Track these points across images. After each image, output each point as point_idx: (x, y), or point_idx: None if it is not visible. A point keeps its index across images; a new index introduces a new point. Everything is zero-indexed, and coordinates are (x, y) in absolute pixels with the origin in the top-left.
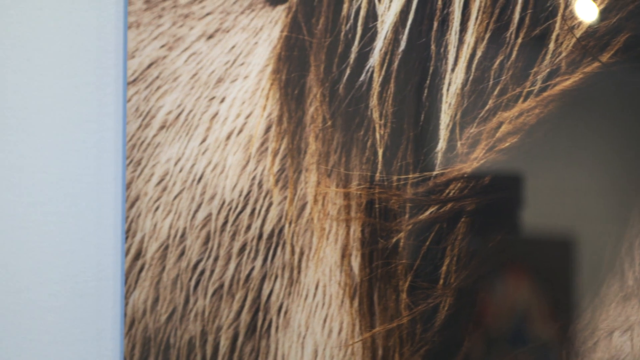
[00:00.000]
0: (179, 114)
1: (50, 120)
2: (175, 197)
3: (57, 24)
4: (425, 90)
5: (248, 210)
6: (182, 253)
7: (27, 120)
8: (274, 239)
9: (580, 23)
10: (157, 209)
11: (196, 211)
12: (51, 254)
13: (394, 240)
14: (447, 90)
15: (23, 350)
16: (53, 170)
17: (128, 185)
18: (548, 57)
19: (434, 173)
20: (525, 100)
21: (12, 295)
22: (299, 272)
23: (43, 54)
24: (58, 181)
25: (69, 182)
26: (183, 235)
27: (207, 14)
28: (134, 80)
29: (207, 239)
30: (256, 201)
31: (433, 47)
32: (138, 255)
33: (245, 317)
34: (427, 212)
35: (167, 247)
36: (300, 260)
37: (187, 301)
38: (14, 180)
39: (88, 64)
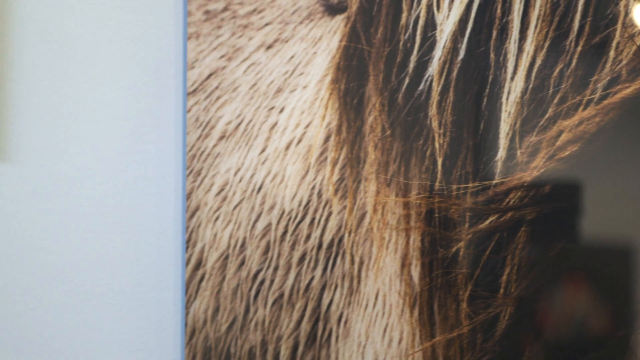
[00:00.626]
0: (239, 124)
1: (110, 131)
2: (235, 207)
3: (117, 35)
4: (485, 99)
5: (308, 219)
6: (242, 263)
7: (88, 131)
8: (334, 248)
9: None
10: (217, 219)
11: (256, 221)
12: (113, 264)
13: (454, 249)
14: (507, 98)
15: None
16: (114, 181)
17: (188, 196)
18: (608, 64)
19: (494, 182)
20: (585, 108)
21: (75, 304)
22: (358, 282)
23: (103, 66)
24: (119, 192)
25: (129, 193)
26: (243, 245)
27: (266, 24)
28: (194, 90)
29: (267, 249)
30: (316, 211)
31: (492, 55)
32: (198, 265)
33: (305, 326)
34: (487, 221)
35: (227, 257)
36: (360, 270)
37: (247, 311)
38: (76, 191)
39: (148, 75)
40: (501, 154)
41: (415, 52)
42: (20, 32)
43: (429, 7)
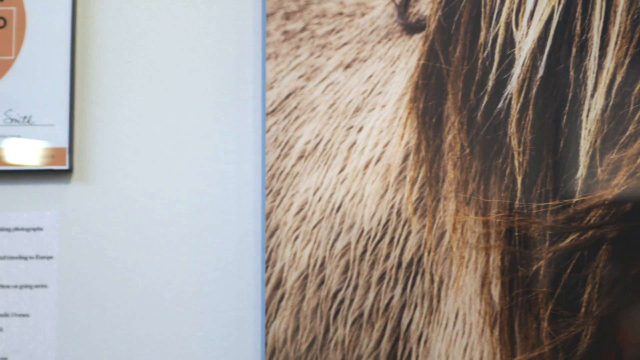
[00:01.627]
0: (317, 144)
1: (190, 151)
2: (315, 226)
3: (197, 56)
4: (565, 117)
5: (387, 239)
6: (322, 282)
7: (168, 151)
8: (413, 267)
9: None
10: (296, 238)
11: (335, 240)
12: (193, 284)
13: (534, 268)
14: (587, 116)
15: None
16: (193, 200)
17: (268, 215)
18: None
19: (574, 200)
20: None
21: (154, 324)
22: (438, 301)
23: (183, 87)
24: (199, 212)
25: (209, 213)
26: (322, 264)
27: (344, 44)
28: (273, 110)
29: (346, 268)
30: (395, 230)
31: (572, 73)
32: (278, 284)
33: (385, 346)
34: (568, 240)
35: (306, 277)
36: (439, 289)
37: (327, 330)
38: (156, 212)
39: (227, 96)
40: (581, 171)
41: (494, 70)
42: (100, 55)
43: (508, 25)
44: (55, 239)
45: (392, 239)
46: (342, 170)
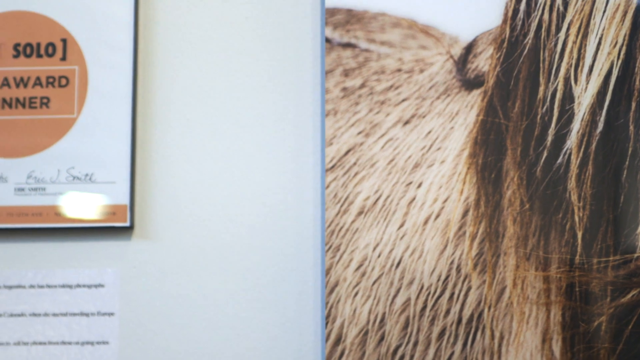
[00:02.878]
0: (377, 200)
1: (250, 207)
2: (374, 282)
3: (256, 113)
4: (625, 172)
5: (447, 294)
6: (382, 338)
7: (228, 208)
8: (474, 323)
9: None
10: (356, 294)
11: (395, 296)
12: (253, 340)
13: (596, 323)
14: None
15: None
16: (254, 257)
17: (327, 271)
18: None
19: (635, 255)
20: None
21: None
22: (499, 357)
23: (242, 144)
24: (258, 268)
25: (269, 269)
26: (382, 320)
27: (403, 100)
28: (332, 167)
29: (406, 324)
30: (455, 285)
31: (632, 127)
32: (338, 340)
33: None
34: (629, 295)
35: (366, 332)
36: (500, 345)
37: None
38: (216, 268)
39: (287, 152)
40: None
41: (553, 125)
42: (160, 112)
43: (567, 80)
44: (116, 296)
45: (452, 294)
46: (401, 225)
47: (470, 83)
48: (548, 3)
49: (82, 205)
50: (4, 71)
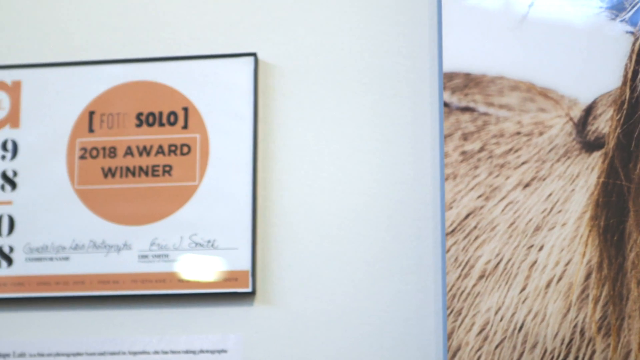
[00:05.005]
0: (498, 263)
1: (370, 273)
2: (497, 346)
3: (375, 178)
4: None
5: (571, 358)
6: None
7: (349, 273)
8: None
9: None
10: (479, 358)
11: None
12: None
13: None
14: None
15: None
16: (375, 322)
17: (449, 335)
18: None
19: None
20: None
21: None
22: None
23: (361, 208)
24: (381, 333)
25: (390, 334)
26: None
27: (523, 163)
28: (452, 230)
29: None
30: (579, 349)
31: None
32: None
33: None
34: None
35: None
36: None
37: None
38: (338, 334)
39: (407, 216)
40: None
41: None
42: (281, 178)
43: None
44: None
45: (576, 358)
46: (523, 289)
47: (590, 145)
48: None
49: (204, 272)
50: (127, 140)
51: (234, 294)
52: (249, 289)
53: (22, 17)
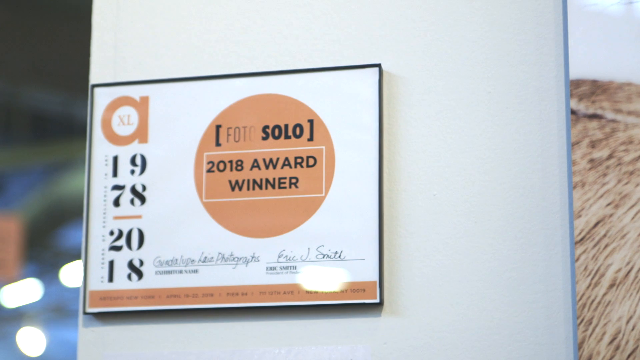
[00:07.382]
0: (629, 272)
1: (497, 281)
2: (629, 355)
3: (501, 187)
4: None
5: None
6: None
7: (476, 282)
8: None
9: None
10: None
11: None
12: None
13: None
14: None
15: None
16: (505, 331)
17: (580, 345)
18: None
19: None
20: None
21: None
22: None
23: (488, 217)
24: (509, 342)
25: (519, 344)
26: None
27: None
28: (581, 239)
29: None
30: None
31: None
32: None
33: None
34: None
35: None
36: None
37: None
38: (465, 345)
39: (534, 225)
40: None
41: None
42: (407, 189)
43: None
44: None
45: None
46: None
47: None
48: None
49: (331, 283)
50: (254, 153)
51: (362, 305)
52: (377, 300)
53: (149, 34)
